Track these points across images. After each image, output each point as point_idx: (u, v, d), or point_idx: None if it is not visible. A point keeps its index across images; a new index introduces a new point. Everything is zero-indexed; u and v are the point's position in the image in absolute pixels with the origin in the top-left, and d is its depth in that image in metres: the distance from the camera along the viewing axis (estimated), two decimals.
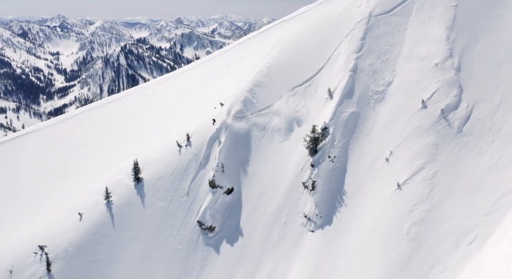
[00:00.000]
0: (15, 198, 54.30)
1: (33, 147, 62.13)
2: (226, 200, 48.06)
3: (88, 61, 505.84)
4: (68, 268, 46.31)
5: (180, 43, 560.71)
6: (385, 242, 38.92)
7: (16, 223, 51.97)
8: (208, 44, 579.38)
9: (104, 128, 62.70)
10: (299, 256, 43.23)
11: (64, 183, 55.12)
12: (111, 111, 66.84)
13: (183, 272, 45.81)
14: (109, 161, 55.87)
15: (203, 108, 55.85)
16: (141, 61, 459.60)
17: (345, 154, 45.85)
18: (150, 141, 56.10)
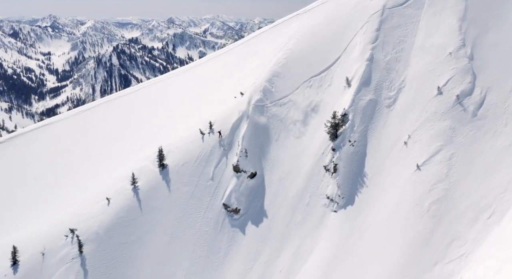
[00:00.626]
0: (44, 185, 56.67)
1: (56, 137, 64.52)
2: (249, 184, 50.63)
3: (80, 61, 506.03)
4: (99, 249, 48.47)
5: (172, 43, 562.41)
6: (407, 219, 41.55)
7: (45, 209, 54.33)
8: (200, 44, 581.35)
9: (124, 119, 65.20)
10: (322, 235, 45.83)
11: (89, 171, 57.54)
12: (130, 103, 69.37)
13: (211, 252, 48.25)
14: (131, 150, 58.39)
15: (223, 98, 58.51)
16: (134, 61, 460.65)
17: (365, 138, 48.59)
18: (171, 130, 58.60)
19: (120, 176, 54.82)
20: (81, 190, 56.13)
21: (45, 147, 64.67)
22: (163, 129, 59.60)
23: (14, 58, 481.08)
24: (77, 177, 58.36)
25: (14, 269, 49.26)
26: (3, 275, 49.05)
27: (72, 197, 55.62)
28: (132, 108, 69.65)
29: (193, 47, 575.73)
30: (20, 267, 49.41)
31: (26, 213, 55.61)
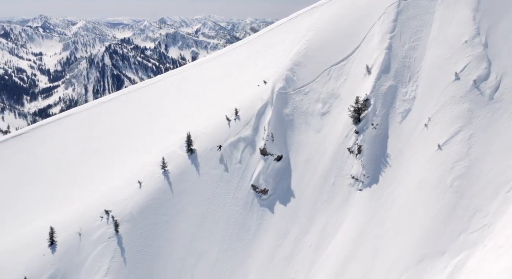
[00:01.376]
0: (77, 170, 59.73)
1: (86, 125, 67.52)
2: (276, 166, 53.99)
3: (72, 61, 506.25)
4: (133, 229, 51.58)
5: (164, 43, 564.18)
6: (431, 194, 45.08)
7: (79, 193, 57.28)
8: (193, 44, 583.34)
9: (149, 108, 68.34)
10: (349, 212, 49.28)
11: (119, 157, 60.75)
12: (153, 93, 72.50)
13: (242, 230, 51.51)
14: (157, 137, 61.64)
15: (245, 87, 61.79)
16: (126, 61, 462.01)
17: (386, 122, 52.13)
18: (196, 118, 61.88)
19: (149, 162, 57.88)
20: (113, 175, 59.16)
21: (76, 135, 67.77)
22: (188, 117, 62.74)
23: (6, 59, 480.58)
24: (108, 163, 61.44)
25: (52, 249, 52.21)
26: (42, 255, 51.93)
27: (104, 181, 58.63)
28: (156, 98, 72.88)
29: (186, 47, 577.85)
30: (57, 247, 52.34)
31: (61, 197, 58.63)
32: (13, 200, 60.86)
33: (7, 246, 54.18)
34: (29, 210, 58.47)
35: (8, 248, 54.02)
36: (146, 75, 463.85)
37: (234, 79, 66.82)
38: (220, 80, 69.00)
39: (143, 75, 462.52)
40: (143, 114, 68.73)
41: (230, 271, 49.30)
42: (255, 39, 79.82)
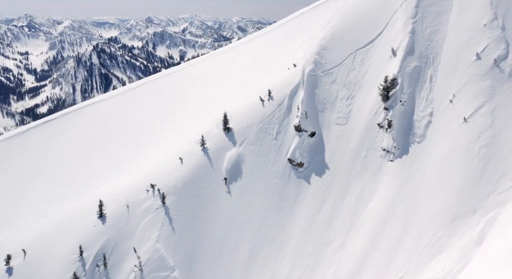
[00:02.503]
0: (120, 148, 64.39)
1: (125, 107, 72.25)
2: (310, 142, 59.21)
3: (59, 60, 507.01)
4: (179, 201, 56.40)
5: (152, 42, 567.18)
6: (460, 161, 50.61)
7: (123, 168, 61.91)
8: (181, 42, 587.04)
9: (182, 92, 73.34)
10: (382, 180, 54.63)
11: (157, 137, 65.49)
12: (184, 78, 77.41)
13: (281, 199, 56.61)
14: (193, 119, 66.50)
15: (275, 71, 66.95)
16: (114, 60, 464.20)
17: (413, 99, 57.63)
18: (230, 99, 66.82)
19: (188, 140, 62.75)
20: (154, 153, 63.79)
21: (117, 117, 72.47)
22: (221, 100, 67.70)
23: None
24: (148, 142, 66.14)
25: (102, 220, 56.73)
26: (93, 226, 56.43)
27: (146, 159, 63.30)
28: (187, 83, 77.84)
29: (174, 46, 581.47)
30: (107, 218, 56.90)
31: (107, 173, 63.19)
32: (62, 176, 65.15)
33: (60, 218, 58.44)
34: (77, 185, 62.83)
35: (60, 220, 58.31)
36: (135, 74, 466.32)
37: (262, 64, 71.86)
38: (249, 65, 74.06)
39: (132, 74, 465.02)
40: (178, 98, 73.63)
41: (272, 237, 54.17)
42: (278, 27, 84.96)
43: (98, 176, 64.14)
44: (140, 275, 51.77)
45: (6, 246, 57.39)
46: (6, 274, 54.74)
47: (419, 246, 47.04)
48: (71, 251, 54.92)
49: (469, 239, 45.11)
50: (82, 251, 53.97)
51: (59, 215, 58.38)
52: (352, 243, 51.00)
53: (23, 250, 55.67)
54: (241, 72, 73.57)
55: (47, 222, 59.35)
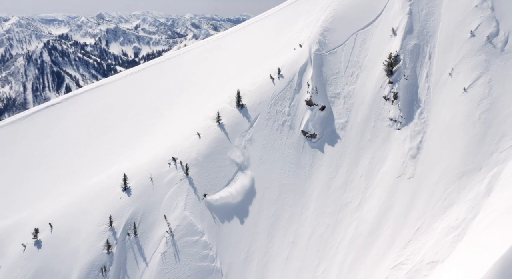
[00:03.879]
0: (133, 127, 67.97)
1: (143, 86, 75.88)
2: (321, 115, 64.40)
3: (7, 58, 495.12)
4: (201, 172, 60.75)
5: (105, 39, 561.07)
6: (462, 126, 56.56)
7: (142, 145, 65.71)
8: (135, 39, 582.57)
9: (191, 73, 77.35)
10: (391, 147, 60.22)
11: (173, 114, 69.42)
12: (187, 61, 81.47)
13: (297, 168, 61.58)
14: (206, 97, 70.80)
15: (281, 51, 71.95)
16: (66, 58, 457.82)
17: (415, 73, 63.50)
18: (238, 80, 71.38)
19: (203, 116, 67.07)
20: (169, 129, 67.75)
21: (126, 98, 75.75)
22: (231, 79, 72.21)
23: None
24: (165, 120, 69.99)
25: (127, 193, 60.40)
26: (119, 198, 60.06)
27: (162, 135, 67.15)
28: (194, 65, 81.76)
29: (128, 42, 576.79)
30: (132, 191, 60.67)
31: (123, 150, 66.67)
32: (80, 154, 68.30)
33: (84, 193, 61.72)
34: (96, 162, 66.16)
35: (85, 194, 61.61)
36: (88, 71, 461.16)
37: (266, 45, 76.68)
38: (252, 47, 78.75)
39: (85, 71, 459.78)
40: (185, 80, 77.62)
41: (292, 202, 59.06)
42: (277, 12, 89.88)
43: (116, 154, 67.60)
44: (172, 240, 55.58)
45: (31, 221, 60.01)
46: (35, 247, 57.67)
47: (432, 201, 52.50)
48: (100, 222, 58.11)
49: (478, 192, 50.88)
50: (111, 221, 57.10)
51: (82, 190, 61.64)
52: (369, 203, 56.14)
53: (50, 224, 58.21)
54: (246, 53, 78.10)
55: (72, 197, 62.39)
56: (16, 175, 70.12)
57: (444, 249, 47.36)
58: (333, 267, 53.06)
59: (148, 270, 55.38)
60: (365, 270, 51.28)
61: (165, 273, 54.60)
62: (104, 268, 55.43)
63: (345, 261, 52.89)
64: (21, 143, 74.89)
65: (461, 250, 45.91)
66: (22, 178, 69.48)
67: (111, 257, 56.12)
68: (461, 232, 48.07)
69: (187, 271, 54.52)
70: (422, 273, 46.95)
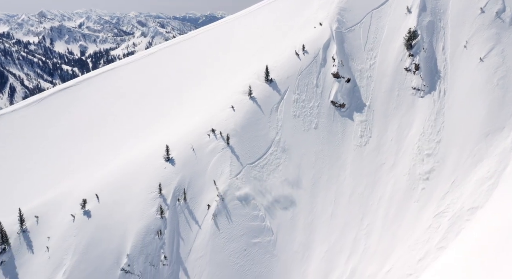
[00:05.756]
0: (162, 104, 72.04)
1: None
2: (347, 86, 70.17)
3: None
4: (239, 141, 65.43)
5: (50, 37, 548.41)
6: (482, 92, 63.29)
7: (175, 119, 69.83)
8: (80, 37, 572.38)
9: (209, 53, 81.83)
10: (416, 114, 66.46)
11: (199, 93, 73.82)
12: (205, 42, 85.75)
13: (330, 135, 67.11)
14: (234, 73, 75.33)
15: (302, 29, 77.36)
16: (9, 57, 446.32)
17: (432, 47, 70.08)
18: (262, 56, 76.29)
19: (232, 91, 71.74)
20: (201, 103, 72.03)
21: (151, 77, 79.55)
22: (254, 57, 76.98)
23: None
24: (191, 95, 74.11)
25: (171, 162, 64.44)
26: (163, 168, 64.07)
27: (196, 108, 71.38)
28: (213, 45, 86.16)
29: (73, 41, 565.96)
30: (175, 161, 64.72)
31: (159, 123, 70.58)
32: (115, 129, 71.67)
33: (127, 162, 65.36)
34: (133, 136, 69.75)
35: (129, 164, 65.24)
36: (33, 71, 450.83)
37: (284, 26, 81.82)
38: (271, 27, 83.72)
39: (29, 71, 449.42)
40: (207, 58, 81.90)
41: (329, 165, 64.50)
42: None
43: (150, 128, 71.56)
44: (222, 203, 59.96)
45: (74, 193, 63.16)
46: (85, 216, 60.88)
47: (463, 157, 58.98)
48: (149, 190, 61.93)
49: (504, 148, 57.64)
50: (161, 189, 60.88)
51: (123, 163, 65.19)
52: (402, 162, 62.19)
53: (96, 195, 61.46)
54: (262, 33, 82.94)
55: (114, 169, 65.75)
56: (55, 148, 72.71)
57: (482, 197, 53.62)
58: (377, 221, 58.57)
59: (202, 232, 59.55)
60: (408, 221, 57.13)
61: (220, 233, 58.83)
62: (160, 232, 58.99)
63: (387, 215, 58.47)
64: (57, 118, 77.44)
65: (497, 196, 52.25)
66: (60, 152, 72.15)
67: (165, 221, 59.82)
68: (494, 181, 54.44)
69: (240, 231, 58.91)
70: (464, 218, 53.06)
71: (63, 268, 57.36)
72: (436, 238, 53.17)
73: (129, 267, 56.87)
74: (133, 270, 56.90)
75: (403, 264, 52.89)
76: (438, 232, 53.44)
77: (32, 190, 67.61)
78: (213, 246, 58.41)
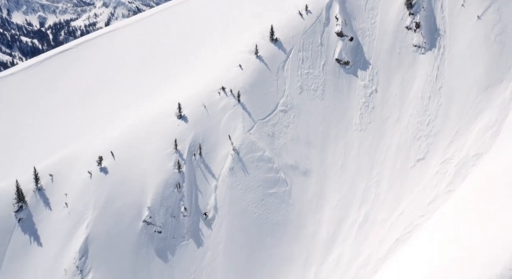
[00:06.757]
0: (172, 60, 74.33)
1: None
2: (351, 44, 73.47)
3: None
4: (250, 98, 68.49)
5: (6, 8, 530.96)
6: (481, 47, 67.01)
7: (182, 79, 72.36)
8: (39, 8, 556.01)
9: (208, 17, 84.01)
10: (418, 70, 70.15)
11: (208, 52, 76.15)
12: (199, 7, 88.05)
13: (337, 91, 70.61)
14: (237, 34, 77.82)
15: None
16: None
17: (431, 6, 73.49)
18: (264, 17, 78.85)
19: (239, 51, 74.24)
20: (210, 62, 74.53)
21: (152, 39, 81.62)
22: (255, 17, 79.46)
23: None
24: (195, 56, 76.59)
25: (183, 120, 67.14)
26: (177, 125, 66.71)
27: (204, 68, 73.88)
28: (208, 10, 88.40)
29: (32, 11, 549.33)
30: (188, 118, 67.40)
31: (165, 83, 73.08)
32: (124, 88, 73.79)
33: (139, 121, 67.79)
34: (143, 95, 72.04)
35: (140, 122, 67.66)
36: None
37: None
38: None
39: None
40: (208, 22, 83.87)
41: (336, 120, 68.23)
42: None
43: (157, 89, 74.01)
44: (237, 157, 63.15)
45: (88, 151, 65.55)
46: (102, 173, 63.44)
47: (465, 109, 63.14)
48: (164, 146, 64.74)
49: (503, 99, 61.94)
50: (176, 145, 63.62)
51: (135, 121, 67.62)
52: (407, 116, 66.14)
53: (111, 152, 63.91)
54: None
55: (126, 127, 68.14)
56: (60, 110, 74.45)
57: (485, 144, 58.02)
58: (385, 170, 62.68)
59: (219, 184, 62.91)
60: (415, 170, 61.35)
61: (237, 185, 62.12)
62: (178, 185, 61.93)
63: (395, 164, 62.63)
64: (61, 80, 78.96)
65: (501, 141, 56.63)
66: (67, 114, 73.96)
67: (182, 175, 62.79)
68: (496, 129, 58.86)
69: (257, 182, 62.32)
70: (470, 164, 57.45)
71: (85, 222, 59.70)
72: (444, 183, 57.41)
73: (150, 219, 59.62)
74: (155, 221, 59.69)
75: (414, 207, 57.13)
76: (446, 177, 57.65)
77: (42, 150, 69.49)
78: (231, 197, 61.50)
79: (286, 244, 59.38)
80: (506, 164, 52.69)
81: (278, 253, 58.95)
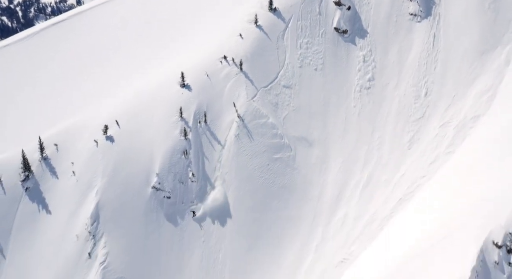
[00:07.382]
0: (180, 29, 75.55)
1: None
2: (348, 13, 75.39)
3: None
4: (251, 67, 70.26)
5: None
6: (476, 14, 69.41)
7: (182, 48, 73.80)
8: None
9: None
10: (414, 38, 72.58)
11: (206, 21, 77.51)
12: None
13: (336, 59, 72.69)
14: (234, 4, 79.19)
15: None
16: None
17: None
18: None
19: (238, 20, 75.73)
20: (209, 32, 75.95)
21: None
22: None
23: None
24: (193, 25, 77.88)
25: (187, 88, 68.70)
26: (181, 93, 68.30)
27: (203, 37, 75.30)
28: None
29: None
30: (191, 86, 68.97)
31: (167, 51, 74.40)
32: (123, 59, 74.93)
33: (142, 91, 69.14)
34: (148, 62, 73.32)
35: (144, 92, 69.02)
36: None
37: None
38: None
39: None
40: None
41: (337, 87, 70.62)
42: None
43: (156, 59, 75.12)
44: (242, 124, 65.15)
45: (92, 120, 66.83)
46: (108, 141, 64.85)
47: (462, 74, 65.90)
48: (169, 114, 66.32)
49: (498, 64, 64.82)
50: (181, 113, 65.28)
51: (138, 91, 69.05)
52: (405, 82, 68.76)
53: (116, 121, 65.30)
54: None
55: (129, 97, 69.37)
56: (60, 80, 75.26)
57: (482, 107, 61.05)
58: (386, 134, 65.36)
59: (225, 150, 64.87)
60: (415, 131, 64.16)
61: (243, 151, 64.22)
62: (186, 152, 63.72)
63: (395, 128, 65.31)
64: (59, 50, 79.58)
65: (497, 104, 59.64)
66: (66, 84, 74.83)
67: (189, 142, 64.57)
68: (492, 93, 61.87)
69: (262, 148, 64.50)
70: (468, 126, 60.41)
71: (94, 189, 61.29)
72: (443, 145, 60.34)
73: (159, 185, 61.46)
74: (164, 187, 61.60)
75: (416, 168, 60.00)
76: (445, 139, 60.55)
77: (45, 121, 70.24)
78: (237, 162, 63.60)
79: (293, 206, 61.73)
80: (503, 124, 55.63)
81: (285, 215, 61.25)
